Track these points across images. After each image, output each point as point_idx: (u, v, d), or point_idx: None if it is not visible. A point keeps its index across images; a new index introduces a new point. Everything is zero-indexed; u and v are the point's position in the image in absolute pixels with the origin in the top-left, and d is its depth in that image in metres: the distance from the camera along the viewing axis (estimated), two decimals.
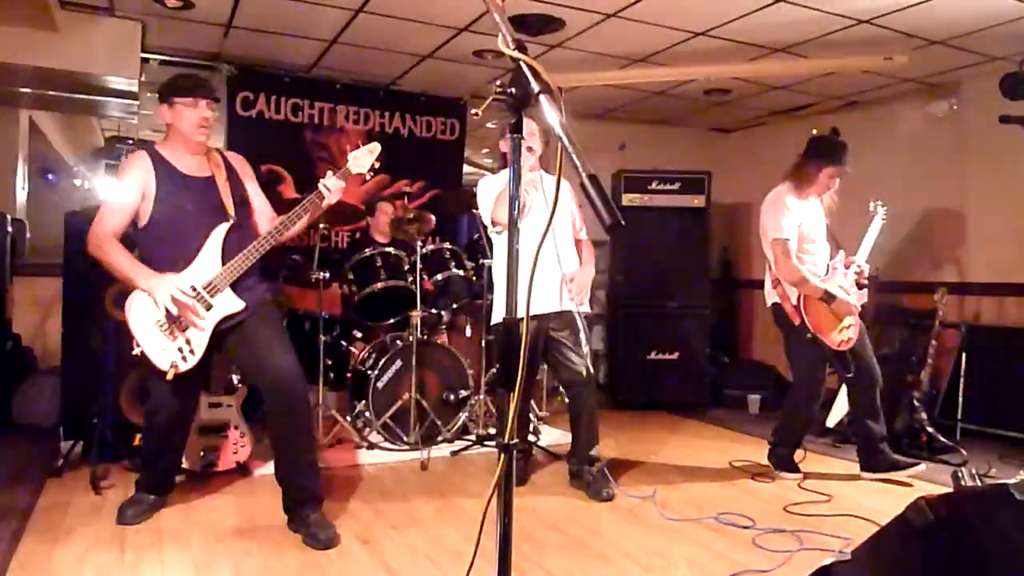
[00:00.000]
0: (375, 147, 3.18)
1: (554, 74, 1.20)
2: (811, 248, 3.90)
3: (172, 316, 2.87)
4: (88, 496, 3.39)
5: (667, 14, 4.35)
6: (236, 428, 3.78)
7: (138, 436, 3.85)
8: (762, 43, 4.75)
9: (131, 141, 4.29)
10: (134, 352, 2.92)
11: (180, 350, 2.91)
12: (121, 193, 3.00)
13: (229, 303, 2.96)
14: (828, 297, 3.77)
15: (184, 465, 3.66)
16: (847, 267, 3.96)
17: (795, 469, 4.03)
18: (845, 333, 3.83)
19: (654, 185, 5.95)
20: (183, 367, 2.91)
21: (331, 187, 3.03)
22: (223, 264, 2.95)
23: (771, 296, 4.02)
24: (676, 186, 5.98)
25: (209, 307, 2.92)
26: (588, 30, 4.63)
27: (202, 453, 3.67)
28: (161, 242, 2.97)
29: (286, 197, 5.44)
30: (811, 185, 3.89)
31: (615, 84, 5.71)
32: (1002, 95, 4.64)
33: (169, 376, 2.89)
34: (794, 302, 3.86)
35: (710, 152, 7.27)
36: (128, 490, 3.27)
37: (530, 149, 3.54)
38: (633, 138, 6.94)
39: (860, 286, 3.96)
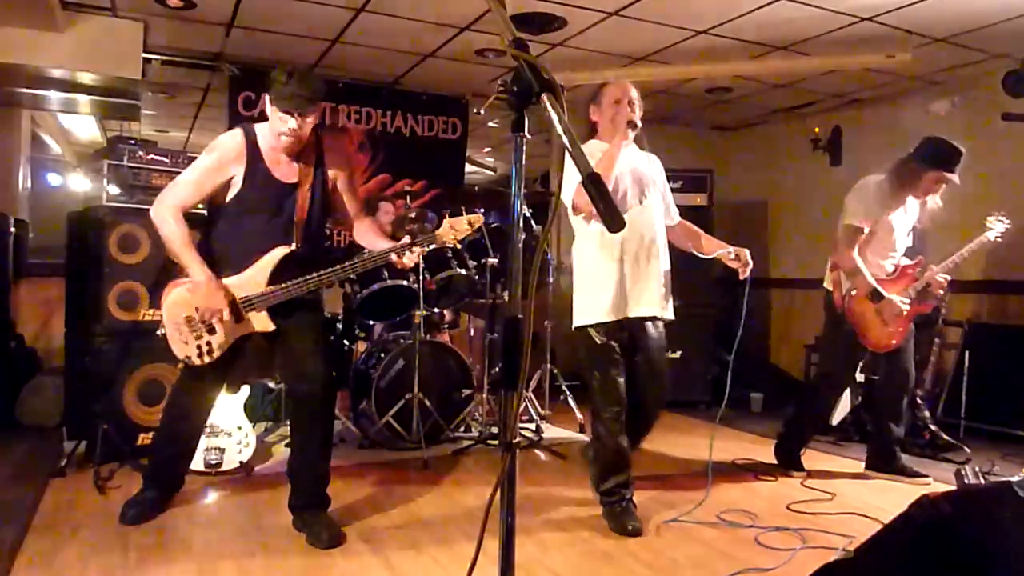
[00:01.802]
0: (478, 219, 3.03)
1: (556, 72, 1.20)
2: (887, 245, 3.82)
3: (205, 321, 2.86)
4: (92, 496, 3.39)
5: (669, 12, 4.35)
6: (240, 428, 3.78)
7: (142, 436, 3.88)
8: (764, 41, 4.75)
9: (133, 141, 4.27)
10: (158, 332, 2.92)
11: (199, 347, 2.89)
12: (206, 170, 2.87)
13: (261, 323, 2.92)
14: (875, 296, 3.71)
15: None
16: (918, 274, 3.86)
17: (800, 467, 4.03)
18: (888, 336, 3.80)
19: None
20: (196, 362, 2.91)
21: (409, 260, 2.95)
22: (268, 284, 2.89)
23: (826, 280, 3.98)
24: (678, 184, 5.95)
25: (240, 319, 2.89)
26: (590, 28, 4.63)
27: (205, 453, 3.68)
28: (226, 232, 2.92)
29: None
30: (911, 186, 3.72)
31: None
32: (1004, 92, 4.64)
33: (179, 365, 2.96)
34: (843, 292, 3.81)
35: (712, 150, 7.25)
36: (132, 490, 3.26)
37: (631, 124, 3.10)
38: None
39: (928, 295, 3.85)
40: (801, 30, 4.53)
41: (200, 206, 3.00)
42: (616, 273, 3.12)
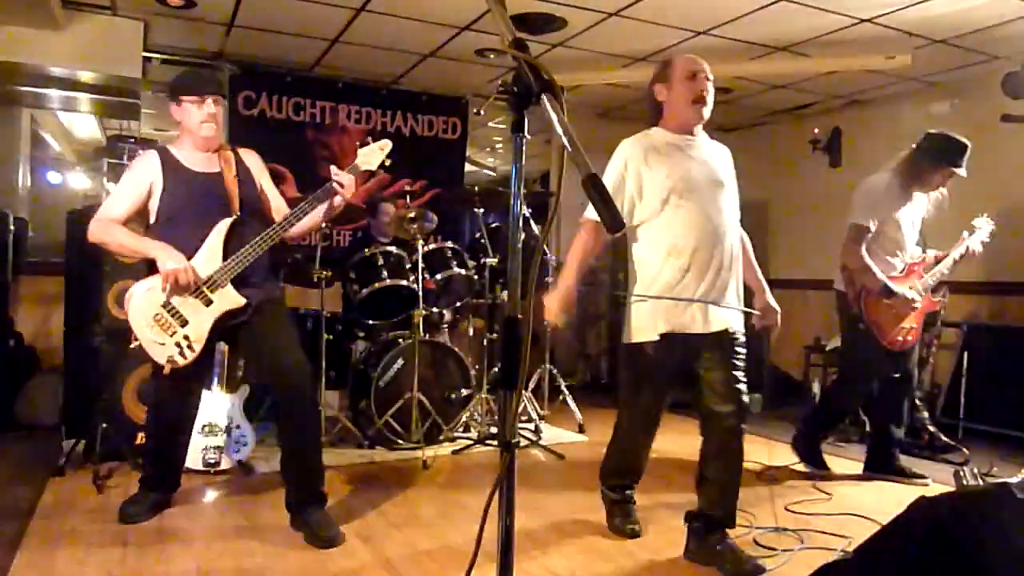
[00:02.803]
0: (386, 144, 3.12)
1: (556, 73, 1.20)
2: (896, 242, 3.81)
3: (170, 306, 2.87)
4: (91, 495, 3.39)
5: (668, 13, 4.35)
6: (238, 427, 3.78)
7: (141, 435, 3.87)
8: (763, 42, 4.75)
9: (133, 140, 4.28)
10: (132, 345, 2.96)
11: (178, 345, 2.90)
12: (125, 185, 3.00)
13: (230, 299, 2.92)
14: (887, 292, 3.70)
15: (186, 464, 3.67)
16: (924, 269, 3.88)
17: (822, 465, 4.05)
18: (904, 333, 3.79)
19: None
20: (181, 362, 2.91)
21: (344, 182, 2.97)
22: (224, 259, 2.93)
23: (837, 282, 3.95)
24: None
25: (209, 303, 2.90)
26: (590, 29, 4.63)
27: (203, 452, 3.68)
28: (166, 238, 2.94)
29: (288, 196, 5.43)
30: (920, 182, 3.75)
31: (617, 83, 5.71)
32: (1004, 94, 4.65)
33: (166, 370, 2.91)
34: (856, 290, 3.79)
35: None
36: (131, 489, 3.27)
37: (698, 100, 2.74)
38: None
39: (936, 291, 3.89)
40: (800, 31, 4.53)
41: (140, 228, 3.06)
42: (681, 282, 2.71)
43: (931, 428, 4.48)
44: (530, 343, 1.27)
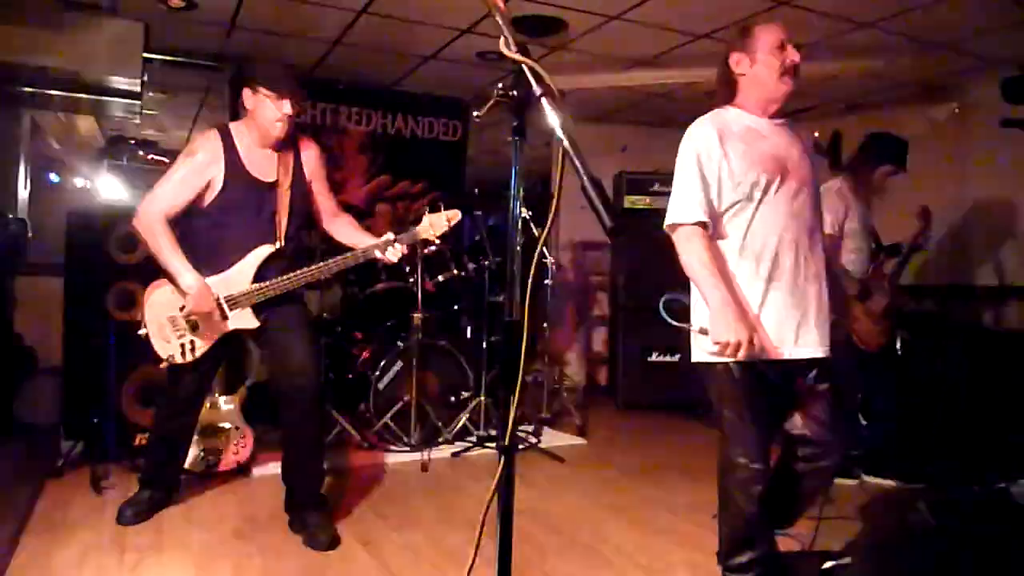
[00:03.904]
0: (455, 215, 3.04)
1: (556, 76, 1.20)
2: (858, 245, 3.83)
3: (187, 315, 2.88)
4: (88, 497, 3.39)
5: (669, 17, 4.35)
6: (237, 429, 3.77)
7: (140, 436, 3.87)
8: None
9: (133, 142, 4.28)
10: (140, 332, 2.96)
11: (182, 346, 2.93)
12: (184, 174, 2.87)
13: (245, 320, 2.93)
14: (864, 293, 3.72)
15: (185, 466, 3.66)
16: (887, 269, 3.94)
17: (852, 474, 4.02)
18: (877, 335, 3.81)
19: (656, 187, 5.95)
20: (178, 360, 2.94)
21: (396, 250, 2.95)
22: (252, 282, 2.90)
23: None
24: None
25: (224, 317, 2.91)
26: (590, 32, 4.63)
27: (202, 454, 3.67)
28: (207, 235, 2.91)
29: None
30: (868, 184, 3.84)
31: (617, 86, 5.70)
32: (1003, 99, 4.65)
33: (163, 365, 2.96)
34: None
35: None
36: (129, 491, 3.26)
37: (788, 72, 2.38)
38: (635, 140, 6.94)
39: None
40: (801, 35, 4.51)
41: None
42: (762, 297, 2.33)
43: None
44: (529, 346, 1.26)
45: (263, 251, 2.91)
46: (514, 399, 1.25)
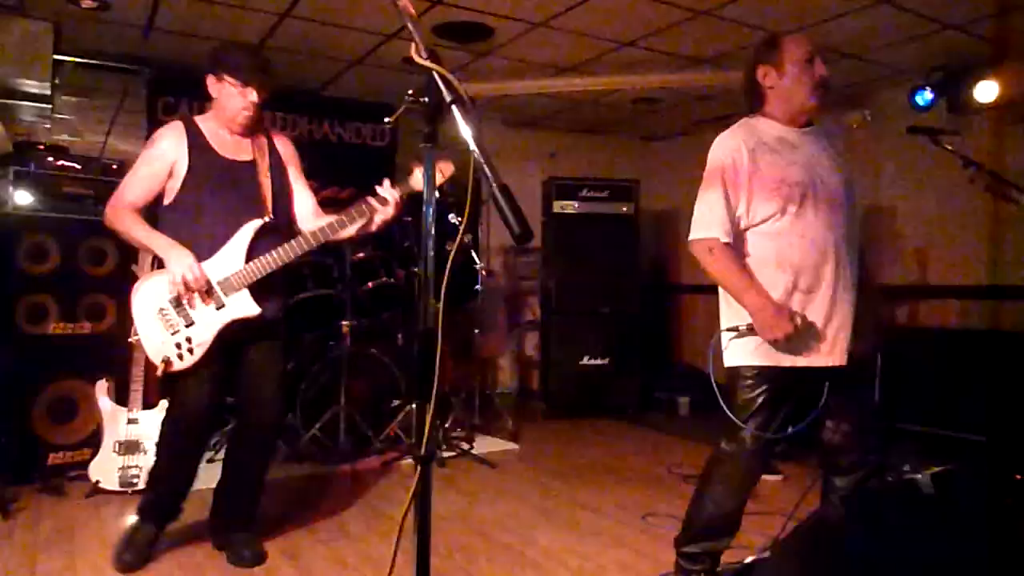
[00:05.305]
0: (448, 167, 2.71)
1: (484, 82, 1.21)
2: None
3: (178, 303, 2.62)
4: None
5: (594, 25, 4.41)
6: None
7: (52, 455, 3.71)
8: (687, 54, 4.87)
9: (42, 147, 4.10)
10: (131, 339, 2.70)
11: (178, 346, 2.63)
12: (147, 164, 2.70)
13: (243, 306, 2.67)
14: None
15: (101, 484, 3.52)
16: None
17: (774, 470, 4.13)
18: None
19: (584, 193, 6.03)
20: (177, 365, 2.64)
21: (389, 199, 2.74)
22: (246, 262, 2.67)
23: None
24: (605, 194, 6.07)
25: (220, 306, 2.65)
26: (517, 39, 4.66)
27: (123, 471, 3.54)
28: (184, 226, 2.67)
29: None
30: None
31: (545, 92, 5.76)
32: (911, 107, 4.89)
33: (159, 372, 2.64)
34: None
35: (640, 159, 7.39)
36: (41, 513, 3.11)
37: (821, 85, 2.38)
38: (564, 146, 7.02)
39: None
40: (721, 44, 4.65)
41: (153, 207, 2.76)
42: (801, 309, 2.29)
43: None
44: (461, 352, 1.26)
45: (252, 225, 2.69)
46: (430, 408, 1.25)
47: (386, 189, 2.76)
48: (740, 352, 2.34)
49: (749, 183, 2.30)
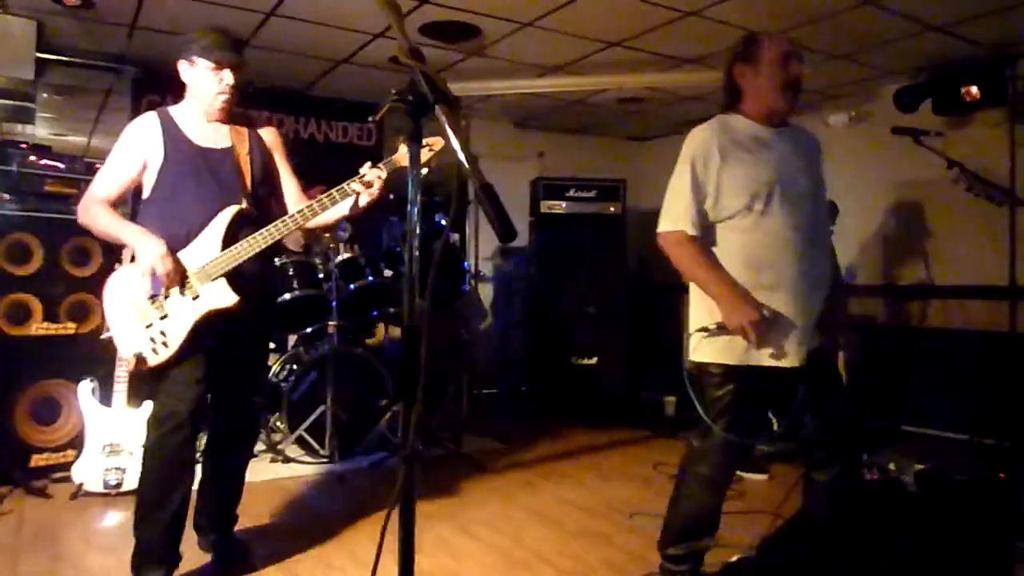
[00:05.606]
0: (437, 141, 2.61)
1: (471, 82, 1.20)
2: None
3: (151, 295, 2.51)
4: None
5: (582, 25, 4.42)
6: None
7: (36, 457, 3.67)
8: (674, 55, 4.88)
9: (25, 145, 4.06)
10: (103, 336, 2.61)
11: (152, 340, 2.50)
12: (115, 157, 2.62)
13: (219, 296, 2.52)
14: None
15: (86, 487, 3.49)
16: None
17: (762, 469, 4.14)
18: None
19: (571, 192, 6.03)
20: (151, 360, 2.51)
21: (373, 178, 2.64)
22: (223, 249, 2.55)
23: None
24: (592, 193, 6.08)
25: (196, 296, 2.52)
26: (504, 39, 4.65)
27: (105, 473, 3.51)
28: (162, 218, 2.55)
29: None
30: None
31: (532, 92, 5.75)
32: (895, 108, 4.92)
33: (130, 366, 2.55)
34: None
35: (627, 160, 7.41)
36: (25, 515, 3.08)
37: (792, 86, 2.41)
38: (552, 146, 7.02)
39: None
40: (708, 45, 4.67)
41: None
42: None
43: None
44: (451, 352, 1.25)
45: (229, 211, 2.58)
46: (415, 406, 1.24)
47: (372, 169, 2.69)
48: (708, 350, 2.37)
49: (718, 178, 2.34)
